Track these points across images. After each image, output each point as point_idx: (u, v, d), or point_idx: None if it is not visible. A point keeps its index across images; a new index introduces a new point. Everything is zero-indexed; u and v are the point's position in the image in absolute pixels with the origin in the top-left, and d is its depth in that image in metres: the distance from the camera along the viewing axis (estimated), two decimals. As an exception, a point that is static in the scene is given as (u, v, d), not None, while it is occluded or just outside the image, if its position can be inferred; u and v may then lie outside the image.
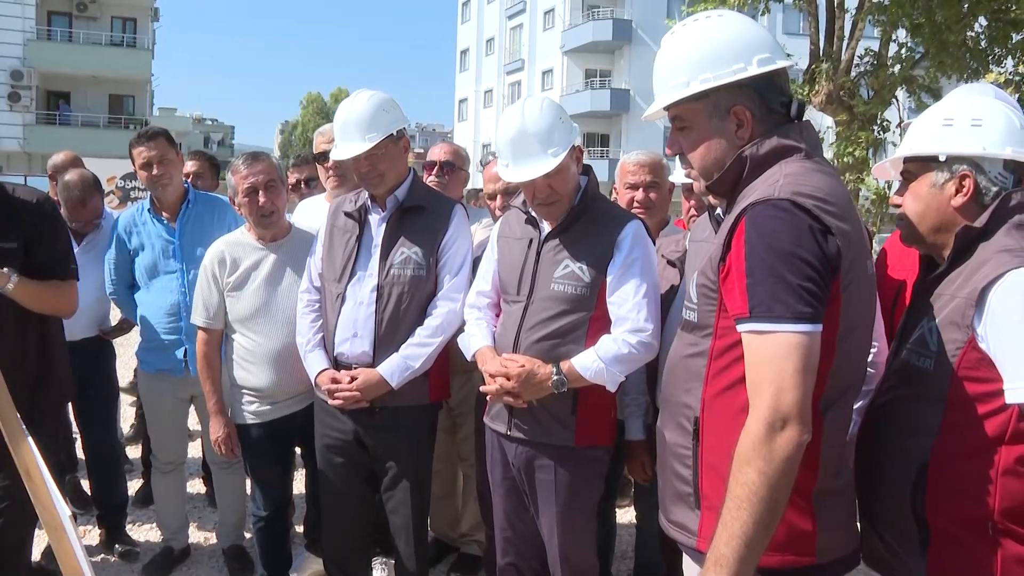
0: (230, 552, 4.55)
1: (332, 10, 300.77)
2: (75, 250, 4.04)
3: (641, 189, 3.73)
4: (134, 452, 6.21)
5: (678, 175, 3.39)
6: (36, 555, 4.62)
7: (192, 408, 4.55)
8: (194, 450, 5.70)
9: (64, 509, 1.74)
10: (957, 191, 2.22)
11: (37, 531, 4.81)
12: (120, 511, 4.85)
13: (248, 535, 4.71)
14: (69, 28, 35.49)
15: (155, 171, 4.16)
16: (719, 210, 2.29)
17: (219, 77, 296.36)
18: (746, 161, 2.07)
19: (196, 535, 4.97)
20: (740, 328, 1.92)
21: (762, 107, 2.09)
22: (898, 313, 2.75)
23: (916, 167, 2.32)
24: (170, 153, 4.21)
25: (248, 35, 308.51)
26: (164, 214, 4.29)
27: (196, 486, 5.66)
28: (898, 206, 2.40)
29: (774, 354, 1.84)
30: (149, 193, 4.31)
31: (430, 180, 4.22)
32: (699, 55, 2.11)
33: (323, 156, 4.17)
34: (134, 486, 5.72)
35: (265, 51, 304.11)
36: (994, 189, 2.20)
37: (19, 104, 33.67)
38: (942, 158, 2.24)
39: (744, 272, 1.90)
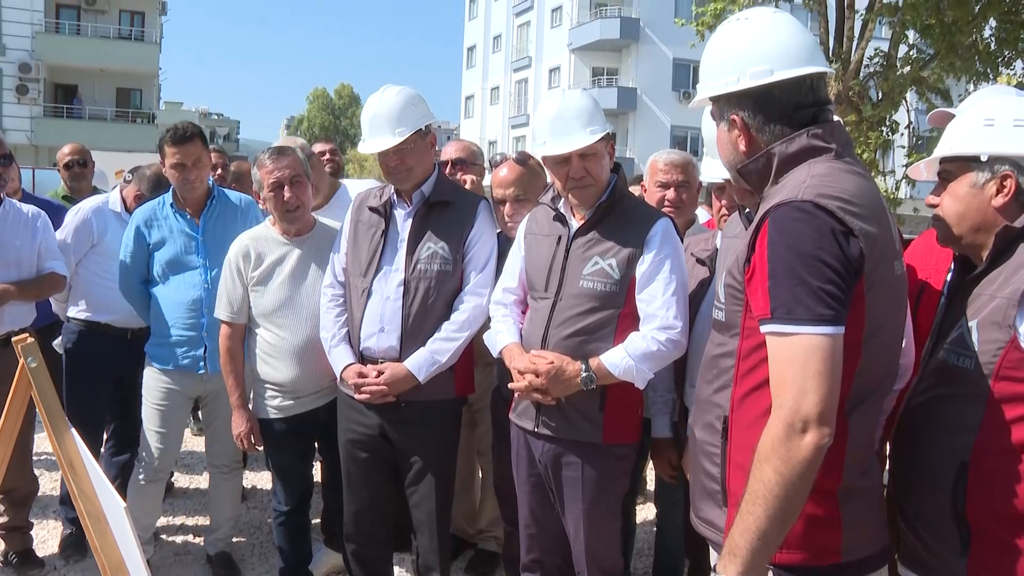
0: (218, 560, 4.46)
1: (339, 5, 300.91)
2: None
3: (672, 188, 3.73)
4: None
5: (707, 174, 3.39)
6: (54, 547, 4.65)
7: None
8: (197, 444, 5.71)
9: (117, 501, 1.74)
10: (998, 191, 2.24)
11: (53, 521, 4.89)
12: None
13: (236, 540, 4.72)
14: (77, 21, 35.52)
15: (190, 175, 4.14)
16: (748, 208, 2.31)
17: (225, 72, 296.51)
18: (774, 157, 2.08)
19: (184, 537, 4.95)
20: (763, 329, 1.94)
21: (757, 118, 2.11)
22: (920, 313, 2.75)
23: (955, 167, 2.32)
24: (204, 156, 4.20)
25: (254, 30, 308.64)
26: (187, 210, 4.26)
27: (198, 482, 5.68)
28: (934, 206, 2.40)
29: (796, 356, 1.85)
30: (172, 188, 4.30)
31: None
32: (709, 62, 2.21)
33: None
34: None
35: (271, 46, 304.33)
36: None
37: (27, 97, 33.73)
38: (984, 158, 2.25)
39: (767, 273, 1.92)
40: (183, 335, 4.16)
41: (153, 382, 4.26)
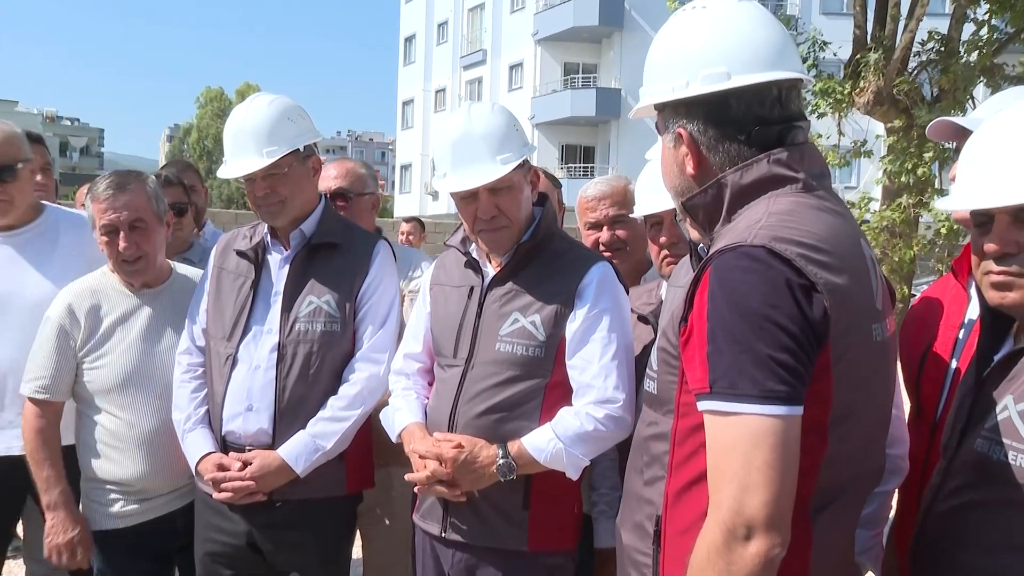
0: None
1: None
2: None
3: (605, 228, 3.75)
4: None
5: (639, 208, 3.41)
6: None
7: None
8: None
9: None
10: None
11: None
12: None
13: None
14: None
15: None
16: (702, 245, 2.37)
17: (87, 68, 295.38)
18: (726, 189, 2.13)
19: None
20: (701, 406, 1.97)
21: (709, 133, 2.17)
22: (924, 383, 2.75)
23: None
24: (34, 155, 4.27)
25: (128, 16, 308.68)
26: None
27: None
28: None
29: (738, 442, 1.87)
30: None
31: None
32: (654, 61, 2.25)
33: None
34: None
35: (151, 38, 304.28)
36: None
37: None
38: None
39: (705, 337, 1.94)
40: None
41: None
